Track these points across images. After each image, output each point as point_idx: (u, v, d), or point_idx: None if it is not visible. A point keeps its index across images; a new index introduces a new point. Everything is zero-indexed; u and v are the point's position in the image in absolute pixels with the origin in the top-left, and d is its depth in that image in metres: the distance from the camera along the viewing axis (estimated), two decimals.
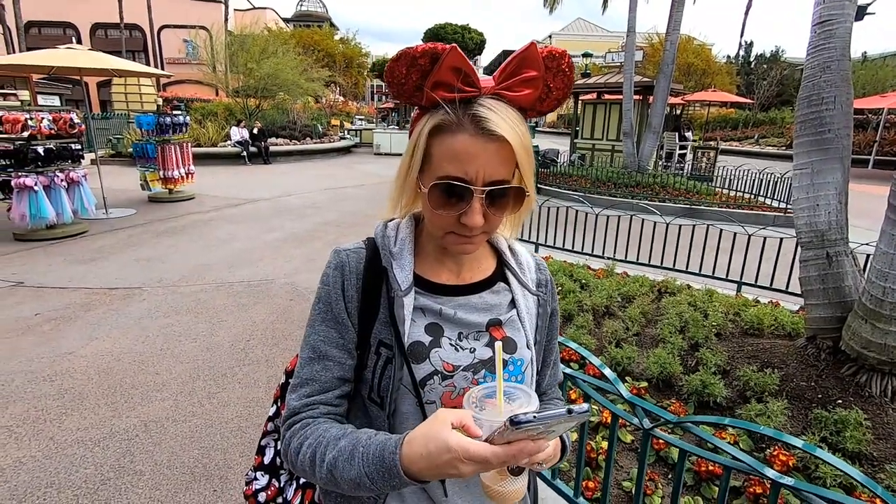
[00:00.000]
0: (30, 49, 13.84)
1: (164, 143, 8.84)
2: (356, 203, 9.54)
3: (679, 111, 20.76)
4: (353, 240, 0.84)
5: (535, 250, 5.34)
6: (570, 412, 0.52)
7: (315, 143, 18.44)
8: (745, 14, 32.65)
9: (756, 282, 4.40)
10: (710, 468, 2.08)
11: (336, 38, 37.27)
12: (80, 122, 6.90)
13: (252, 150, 15.21)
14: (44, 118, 6.31)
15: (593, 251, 5.39)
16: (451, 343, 0.76)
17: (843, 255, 2.70)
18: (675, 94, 14.96)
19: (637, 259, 5.12)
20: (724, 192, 10.45)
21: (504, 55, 50.35)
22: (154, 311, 4.29)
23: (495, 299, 0.82)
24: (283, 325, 4.07)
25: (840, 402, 2.43)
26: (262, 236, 6.89)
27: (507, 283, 0.85)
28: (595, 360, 1.75)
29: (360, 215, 8.41)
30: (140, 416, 2.83)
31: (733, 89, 28.29)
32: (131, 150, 10.36)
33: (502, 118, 0.66)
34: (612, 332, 3.30)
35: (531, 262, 0.89)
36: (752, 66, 36.81)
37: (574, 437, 2.11)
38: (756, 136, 26.01)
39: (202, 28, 19.71)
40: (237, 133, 15.40)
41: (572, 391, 2.37)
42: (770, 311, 3.45)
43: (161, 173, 8.89)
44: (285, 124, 18.99)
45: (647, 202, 8.57)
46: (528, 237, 5.71)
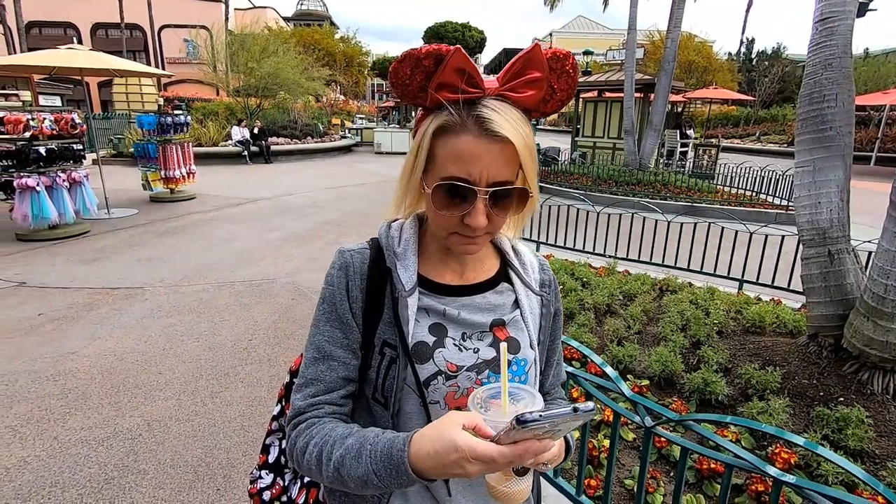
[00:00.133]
0: (31, 49, 13.86)
1: (166, 142, 8.85)
2: (357, 202, 9.55)
3: (680, 109, 20.72)
4: (354, 239, 0.85)
5: (537, 249, 5.34)
6: (576, 411, 0.52)
7: (316, 142, 18.45)
8: (747, 11, 32.64)
9: (758, 279, 4.39)
10: (712, 466, 2.08)
11: (336, 36, 37.22)
12: (81, 122, 6.92)
13: (253, 149, 15.23)
14: (45, 118, 6.32)
15: (594, 249, 5.40)
16: (454, 343, 0.77)
17: (845, 252, 2.70)
18: (677, 92, 14.92)
19: (638, 257, 5.12)
20: (726, 189, 10.45)
21: (505, 53, 50.20)
22: (156, 310, 4.31)
23: (499, 299, 0.82)
24: (285, 325, 4.08)
25: (842, 399, 2.43)
26: (263, 236, 6.90)
27: (510, 283, 0.85)
28: (597, 359, 1.75)
29: (361, 214, 8.41)
30: (143, 416, 2.85)
31: (734, 86, 28.21)
32: (132, 150, 10.37)
33: (506, 119, 0.66)
34: (613, 330, 3.30)
35: (534, 262, 0.89)
36: (754, 63, 36.68)
37: (576, 435, 2.11)
38: (757, 134, 25.96)
39: (203, 27, 19.68)
40: (238, 132, 15.41)
41: (574, 389, 2.37)
42: (772, 308, 3.45)
43: (162, 173, 8.91)
44: (286, 123, 19.00)
45: (648, 200, 8.56)
46: (530, 236, 5.71)
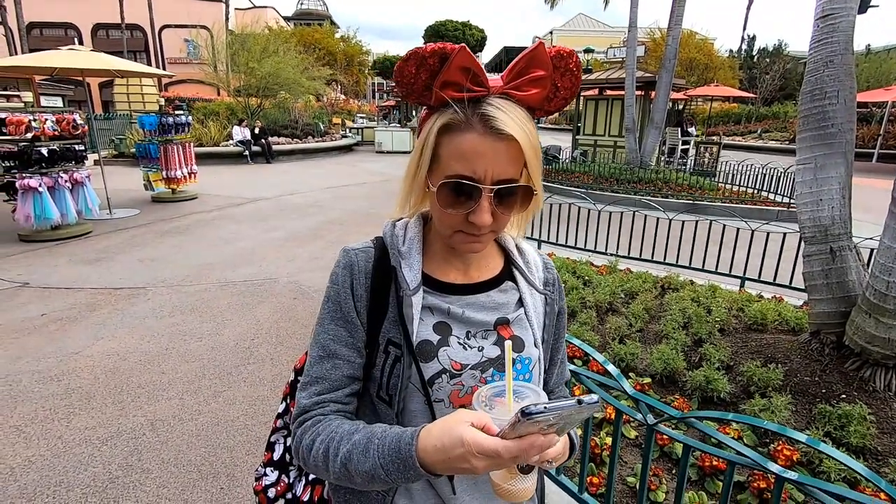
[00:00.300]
0: (32, 50, 13.90)
1: (167, 143, 8.87)
2: (359, 201, 9.55)
3: (681, 106, 20.70)
4: (356, 238, 0.85)
5: (538, 247, 5.32)
6: (581, 403, 0.53)
7: (317, 141, 18.45)
8: (748, 8, 32.53)
9: (759, 277, 4.38)
10: (714, 463, 2.08)
11: (337, 36, 37.19)
12: (82, 122, 6.93)
13: (254, 149, 15.25)
14: (47, 119, 6.33)
15: (596, 248, 5.39)
16: (459, 342, 0.77)
17: (847, 249, 2.70)
18: (678, 90, 14.87)
19: (640, 255, 5.11)
20: (727, 187, 10.44)
21: (506, 52, 50.12)
22: (159, 310, 4.32)
23: (503, 298, 0.82)
24: (287, 324, 4.09)
25: (844, 396, 2.43)
26: (265, 235, 6.92)
27: (514, 281, 0.85)
28: (599, 357, 1.75)
29: (362, 214, 8.42)
30: (147, 415, 2.86)
31: (736, 84, 28.13)
32: (134, 150, 10.39)
33: (511, 117, 0.66)
34: (615, 328, 3.30)
35: (538, 260, 0.89)
36: (755, 60, 36.58)
37: (578, 432, 2.12)
38: (759, 131, 25.91)
39: (203, 27, 19.70)
40: (239, 132, 15.43)
41: (576, 388, 2.37)
42: (774, 306, 3.44)
43: (164, 173, 8.93)
44: (287, 123, 19.00)
45: (649, 198, 8.55)
46: (531, 234, 5.71)
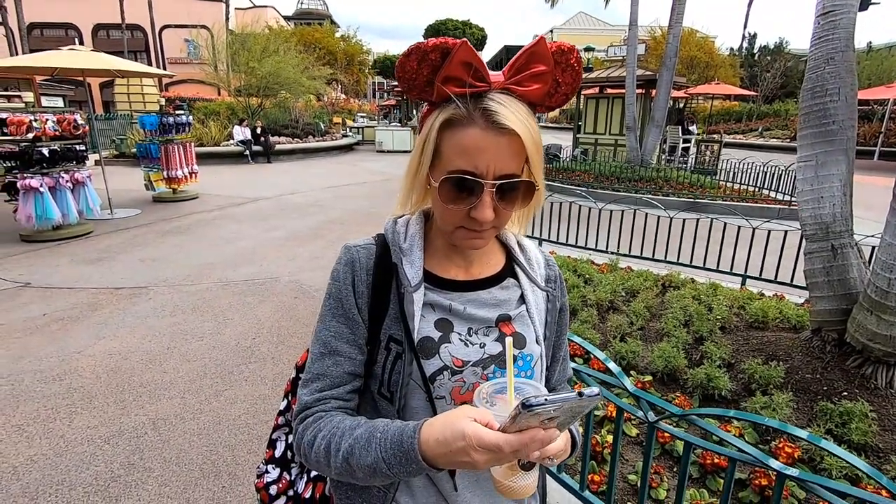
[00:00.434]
0: (33, 51, 13.91)
1: (168, 142, 8.88)
2: (359, 201, 9.56)
3: (682, 104, 20.66)
4: (357, 238, 0.85)
5: (539, 246, 5.33)
6: (581, 395, 0.53)
7: (317, 141, 18.46)
8: (749, 5, 32.43)
9: (761, 275, 4.37)
10: (716, 461, 2.08)
11: (337, 35, 37.16)
12: (83, 122, 6.94)
13: (255, 148, 15.25)
14: (48, 119, 6.34)
15: (597, 246, 5.39)
16: (460, 338, 0.77)
17: (848, 247, 2.69)
18: (678, 88, 14.85)
19: (641, 253, 5.11)
20: (728, 185, 10.42)
21: (506, 51, 50.06)
22: (160, 310, 4.33)
23: (505, 295, 0.82)
24: (288, 324, 4.09)
25: (845, 394, 2.43)
26: (265, 235, 6.92)
27: (516, 278, 0.85)
28: (600, 354, 1.75)
29: (363, 213, 8.42)
30: (148, 414, 2.86)
31: (737, 82, 28.09)
32: (135, 150, 10.40)
33: (512, 112, 0.66)
34: (616, 326, 3.30)
35: (540, 257, 0.89)
36: (756, 58, 36.47)
37: (580, 430, 2.12)
38: (760, 129, 25.87)
39: (203, 27, 19.69)
40: (240, 132, 15.44)
41: (577, 385, 2.37)
42: (775, 304, 3.44)
43: (165, 173, 8.94)
44: (287, 123, 19.01)
45: (650, 196, 8.53)
46: (532, 232, 5.71)
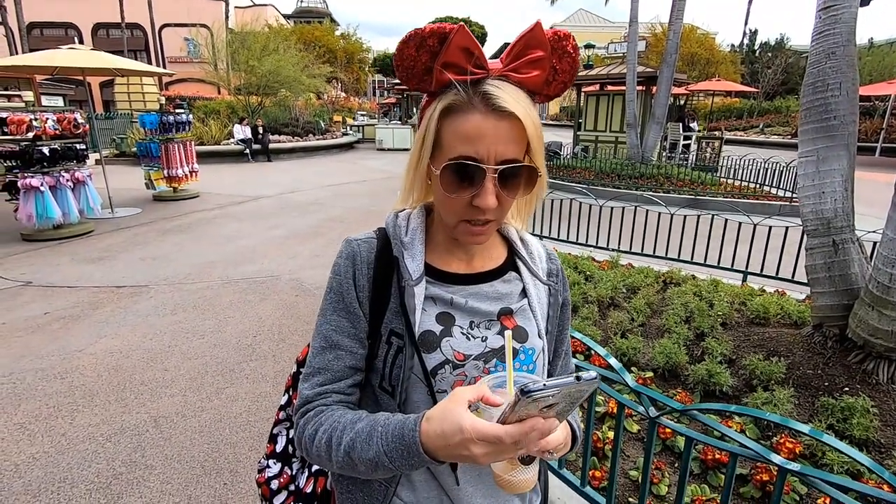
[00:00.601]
0: (32, 50, 13.88)
1: (168, 141, 8.88)
2: (360, 199, 9.55)
3: (683, 101, 20.64)
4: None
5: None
6: (579, 379, 0.52)
7: (317, 139, 18.43)
8: (749, 2, 32.34)
9: (762, 271, 4.37)
10: (717, 456, 2.08)
11: (337, 33, 37.10)
12: (83, 122, 6.94)
13: (255, 147, 15.25)
14: (48, 119, 6.34)
15: (597, 243, 5.38)
16: (462, 332, 0.76)
17: (850, 242, 2.69)
18: (679, 84, 14.80)
19: (642, 250, 5.10)
20: (729, 182, 10.42)
21: (505, 48, 49.86)
22: (161, 308, 4.33)
23: (506, 288, 0.82)
24: (289, 322, 4.10)
25: (847, 389, 2.42)
26: (266, 233, 6.92)
27: (517, 272, 0.84)
28: (601, 350, 1.75)
29: (363, 211, 8.42)
30: (150, 412, 2.87)
31: (738, 78, 28.00)
32: (135, 149, 10.40)
33: (512, 96, 0.66)
34: (617, 323, 3.30)
35: (542, 252, 0.89)
36: (757, 54, 36.40)
37: (582, 426, 2.12)
38: (761, 126, 25.82)
39: (203, 26, 19.70)
40: (240, 131, 15.44)
41: None
42: (776, 300, 3.43)
43: (165, 172, 8.95)
44: (288, 121, 18.98)
45: (651, 193, 8.52)
46: (533, 230, 5.68)
